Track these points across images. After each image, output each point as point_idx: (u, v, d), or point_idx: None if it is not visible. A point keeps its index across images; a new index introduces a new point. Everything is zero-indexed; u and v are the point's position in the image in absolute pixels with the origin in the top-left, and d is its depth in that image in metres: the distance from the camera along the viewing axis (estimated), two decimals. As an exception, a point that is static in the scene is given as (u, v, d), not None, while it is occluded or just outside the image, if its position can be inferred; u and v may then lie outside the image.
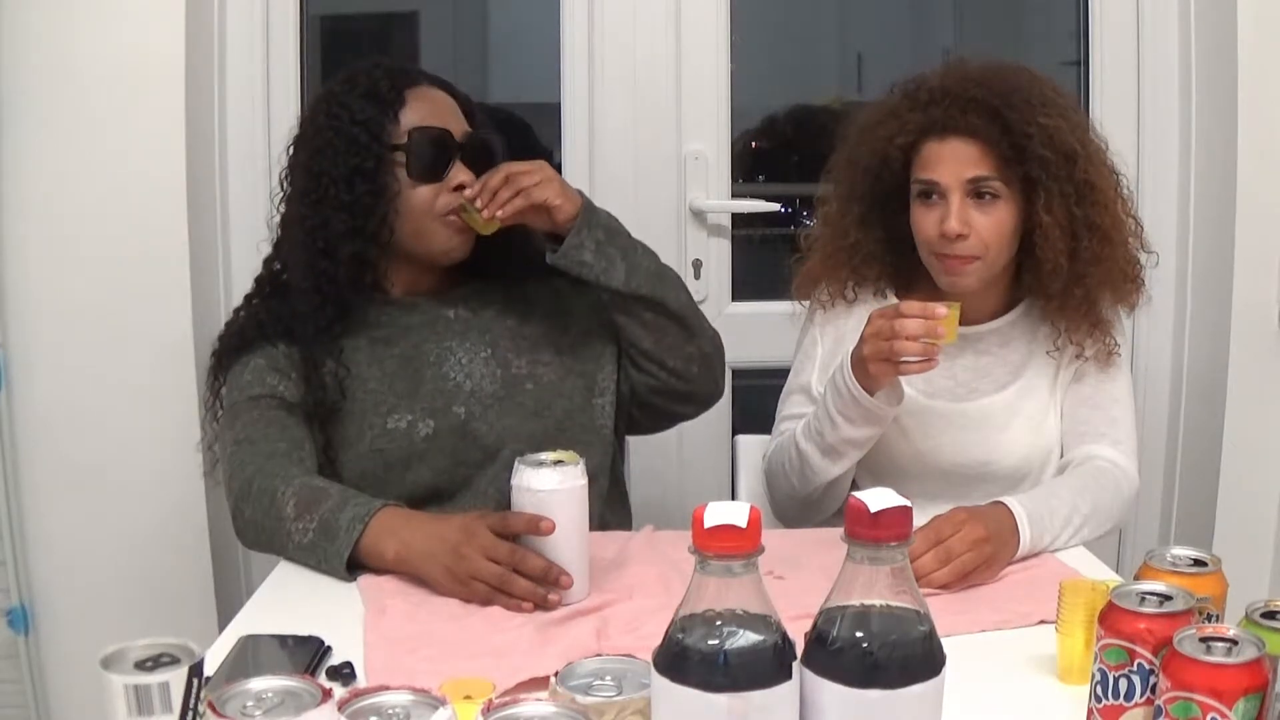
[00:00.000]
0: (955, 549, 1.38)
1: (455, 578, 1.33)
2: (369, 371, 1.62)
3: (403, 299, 1.68)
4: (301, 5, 2.27)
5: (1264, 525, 2.24)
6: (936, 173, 1.61)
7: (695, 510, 0.80)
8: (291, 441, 1.55)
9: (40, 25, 2.03)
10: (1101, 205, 1.62)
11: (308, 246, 1.60)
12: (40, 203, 2.08)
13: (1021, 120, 1.57)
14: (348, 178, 1.58)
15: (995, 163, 1.59)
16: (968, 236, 1.59)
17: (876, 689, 0.79)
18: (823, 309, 1.77)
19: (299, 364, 1.60)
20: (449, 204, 1.62)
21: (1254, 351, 2.19)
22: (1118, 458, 1.65)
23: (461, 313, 1.70)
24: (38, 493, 2.13)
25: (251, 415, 1.57)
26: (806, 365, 1.77)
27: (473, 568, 1.32)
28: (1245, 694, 0.84)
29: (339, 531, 1.39)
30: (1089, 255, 1.62)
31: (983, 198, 1.60)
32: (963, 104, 1.60)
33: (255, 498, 1.48)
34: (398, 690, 0.79)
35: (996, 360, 1.72)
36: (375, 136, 1.59)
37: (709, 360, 1.73)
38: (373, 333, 1.65)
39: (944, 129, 1.60)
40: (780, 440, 1.73)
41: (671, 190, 2.34)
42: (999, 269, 1.66)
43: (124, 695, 0.79)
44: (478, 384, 1.65)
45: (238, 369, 1.62)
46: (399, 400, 1.61)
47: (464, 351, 1.67)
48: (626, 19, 2.29)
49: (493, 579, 1.31)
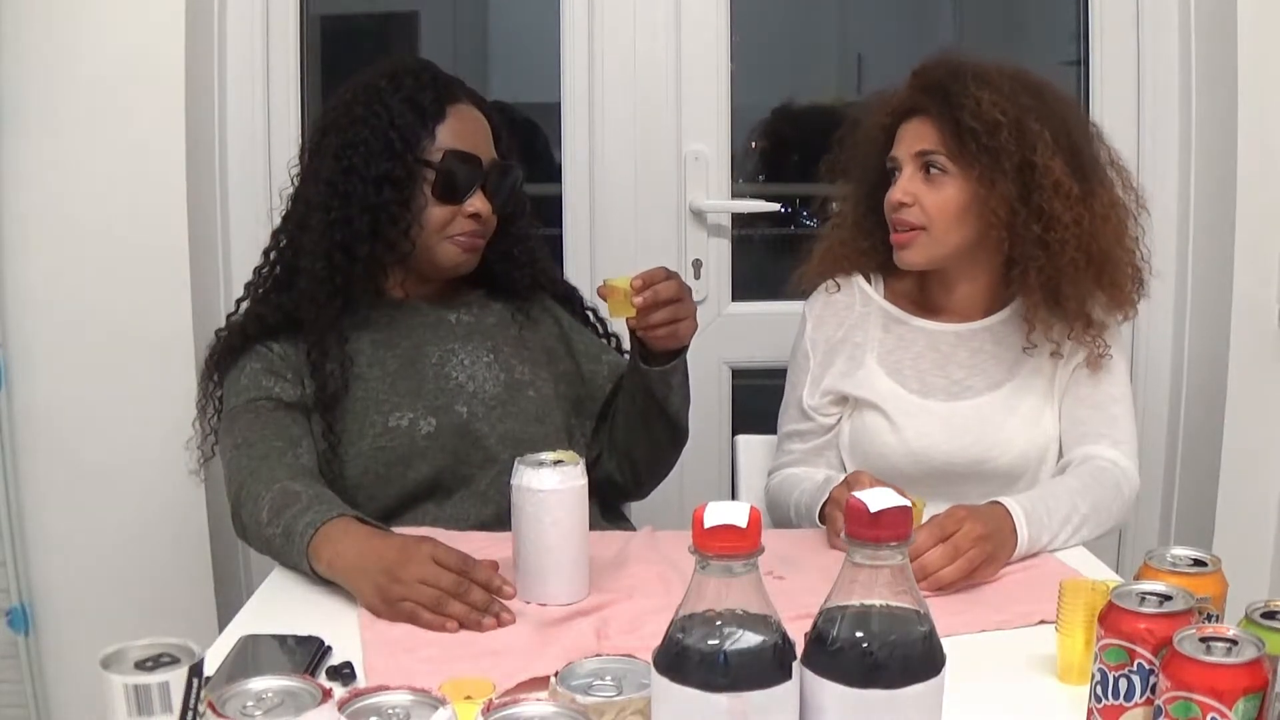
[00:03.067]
0: (961, 545, 1.38)
1: (383, 597, 1.28)
2: (370, 371, 1.62)
3: (405, 301, 1.69)
4: (301, 5, 2.27)
5: (1264, 525, 2.24)
6: (897, 149, 1.69)
7: (695, 510, 0.80)
8: (287, 440, 1.55)
9: (40, 25, 2.03)
10: (1057, 194, 1.60)
11: (326, 238, 1.59)
12: (40, 203, 2.08)
13: (959, 93, 1.62)
14: (377, 181, 1.58)
15: (942, 139, 1.64)
16: (910, 205, 1.65)
17: (876, 689, 0.79)
18: (814, 315, 1.79)
19: (296, 361, 1.60)
20: (462, 228, 1.63)
21: (1254, 351, 2.19)
22: (1118, 458, 1.65)
23: (464, 317, 1.71)
24: (38, 493, 2.13)
25: (248, 419, 1.57)
26: (800, 380, 1.78)
27: (404, 590, 1.27)
28: (1245, 694, 0.84)
29: (295, 536, 1.39)
30: (1031, 237, 1.61)
31: (929, 172, 1.65)
32: (923, 84, 1.68)
33: (245, 502, 1.49)
34: (398, 690, 0.79)
35: (990, 358, 1.72)
36: (410, 147, 1.59)
37: (670, 468, 1.81)
38: (375, 334, 1.65)
39: (908, 110, 1.69)
40: (780, 480, 1.76)
41: (671, 190, 2.34)
42: (951, 250, 1.67)
43: (124, 695, 0.79)
44: (480, 386, 1.66)
45: (234, 374, 1.61)
46: (401, 399, 1.62)
47: (466, 354, 1.67)
48: (626, 19, 2.30)
49: (447, 585, 1.26)
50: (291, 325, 1.61)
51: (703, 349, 2.35)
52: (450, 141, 1.61)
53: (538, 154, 2.42)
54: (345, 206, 1.58)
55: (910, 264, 1.69)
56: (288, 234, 1.67)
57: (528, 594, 1.33)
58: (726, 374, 2.40)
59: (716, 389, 2.38)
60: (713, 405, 2.36)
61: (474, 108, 1.67)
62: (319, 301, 1.58)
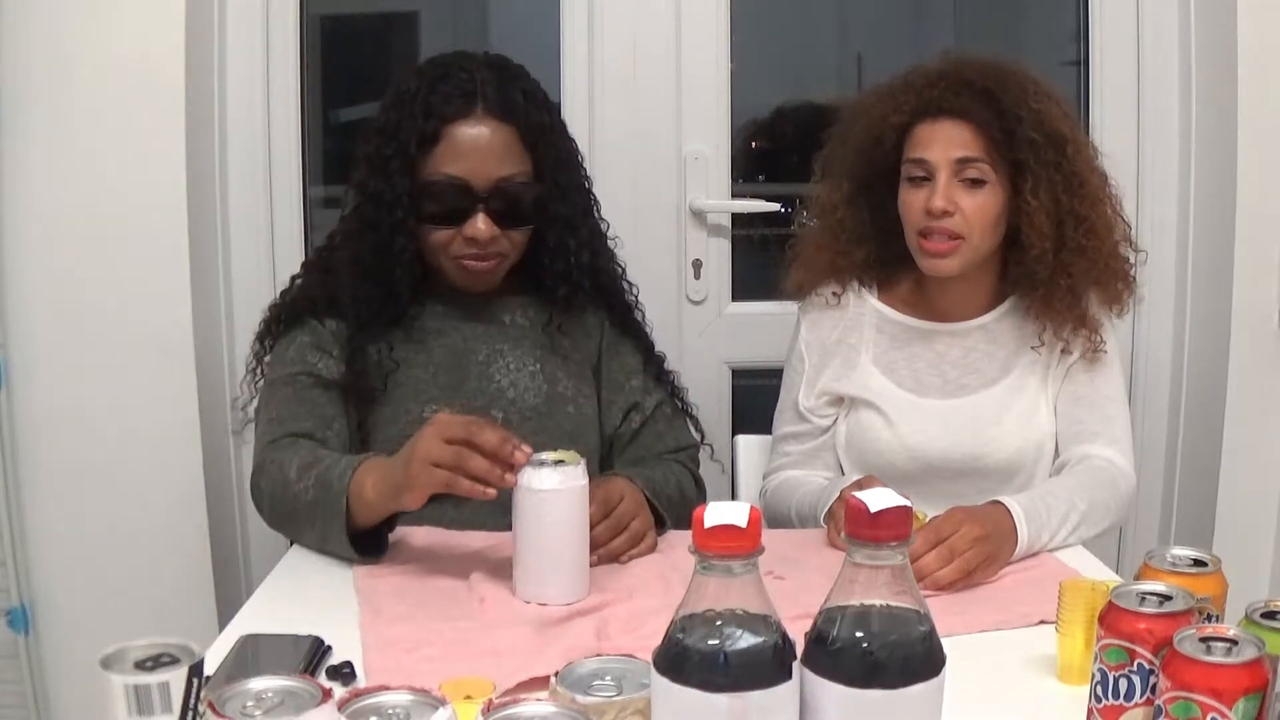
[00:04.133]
0: (957, 547, 1.38)
1: (414, 471, 1.32)
2: (416, 358, 1.65)
3: (461, 295, 1.69)
4: (301, 5, 2.26)
5: (1264, 525, 2.24)
6: (928, 152, 1.63)
7: (695, 510, 0.80)
8: (319, 420, 1.58)
9: (40, 26, 2.03)
10: (1090, 200, 1.63)
11: (361, 236, 1.63)
12: (40, 203, 2.07)
13: (1014, 103, 1.60)
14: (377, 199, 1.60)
15: (985, 145, 1.61)
16: (952, 214, 1.61)
17: (876, 689, 0.79)
18: (808, 318, 1.78)
19: (345, 343, 1.63)
20: (459, 251, 1.63)
21: (1254, 351, 2.19)
22: (1114, 456, 1.66)
23: (519, 319, 1.72)
24: (38, 493, 2.13)
25: (286, 393, 1.60)
26: (796, 382, 1.78)
27: (428, 452, 1.31)
28: (1245, 694, 0.84)
29: (333, 481, 1.42)
30: (1074, 246, 1.63)
31: (970, 180, 1.62)
32: (957, 86, 1.63)
33: (267, 470, 1.52)
34: (398, 690, 0.79)
35: (985, 356, 1.72)
36: (403, 168, 1.59)
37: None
38: (426, 322, 1.67)
39: (938, 110, 1.63)
40: (779, 484, 1.76)
41: (671, 190, 2.34)
42: (981, 258, 1.66)
43: (124, 695, 0.79)
44: (520, 394, 1.67)
45: (284, 343, 1.65)
46: (440, 392, 1.63)
47: (514, 358, 1.68)
48: (626, 19, 2.29)
49: (448, 459, 1.29)
50: (339, 309, 1.64)
51: (703, 349, 2.37)
52: (442, 165, 1.59)
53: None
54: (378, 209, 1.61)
55: (945, 273, 1.66)
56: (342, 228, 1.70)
57: (528, 594, 1.34)
58: (726, 374, 2.40)
59: (716, 389, 2.38)
60: (713, 405, 2.35)
61: (487, 122, 1.59)
62: (360, 297, 1.62)
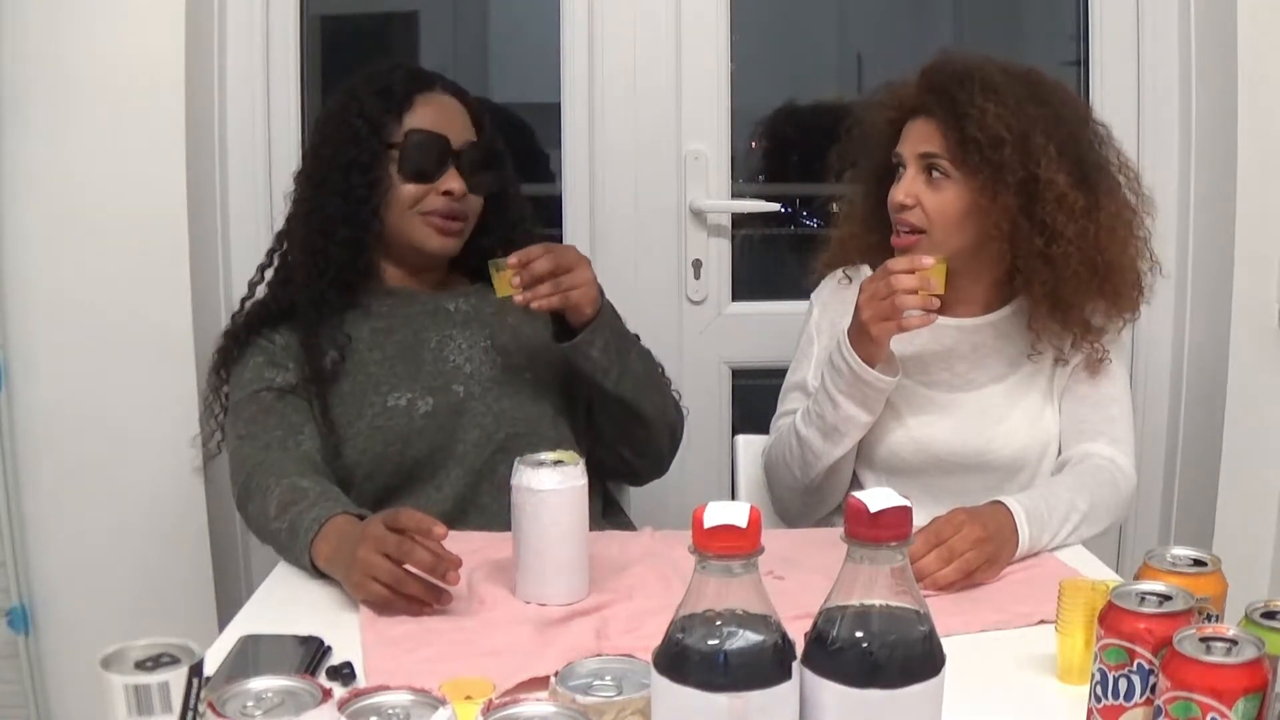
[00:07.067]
0: (958, 548, 1.38)
1: (353, 580, 1.30)
2: (370, 355, 1.67)
3: (403, 290, 1.73)
4: (301, 5, 2.26)
5: (1264, 525, 2.24)
6: (902, 147, 1.68)
7: (695, 510, 0.80)
8: (288, 428, 1.58)
9: (40, 26, 2.03)
10: (1061, 208, 1.59)
11: (307, 225, 1.68)
12: (40, 203, 2.07)
13: (966, 101, 1.61)
14: (345, 167, 1.65)
15: (946, 143, 1.63)
16: (911, 206, 1.65)
17: (876, 689, 0.79)
18: (820, 300, 1.80)
19: (296, 349, 1.64)
20: (434, 205, 1.68)
21: (1254, 351, 2.19)
22: (1115, 455, 1.66)
23: (463, 305, 1.75)
24: (38, 493, 2.13)
25: (251, 410, 1.61)
26: (803, 363, 1.79)
27: (367, 565, 1.28)
28: (1245, 694, 0.84)
29: (300, 532, 1.41)
30: (1034, 251, 1.60)
31: (933, 174, 1.64)
32: (929, 85, 1.66)
33: (253, 495, 1.52)
34: (398, 690, 0.79)
35: (993, 353, 1.73)
36: (375, 132, 1.66)
37: (660, 456, 1.80)
38: (375, 321, 1.70)
39: (914, 108, 1.68)
40: (779, 433, 1.76)
41: (671, 190, 2.34)
42: (949, 252, 1.63)
43: (124, 695, 0.79)
44: (477, 368, 1.70)
45: (239, 369, 1.66)
46: (399, 380, 1.65)
47: (465, 339, 1.71)
48: (626, 19, 2.29)
49: (386, 577, 1.27)
50: (290, 314, 1.67)
51: (703, 349, 2.37)
52: (416, 123, 1.68)
53: (535, 155, 2.42)
54: (319, 194, 1.67)
55: None
56: (284, 232, 1.75)
57: (528, 594, 1.34)
58: (726, 374, 2.40)
59: (716, 389, 2.38)
60: (713, 405, 2.36)
61: (450, 96, 1.72)
62: (308, 284, 1.65)
